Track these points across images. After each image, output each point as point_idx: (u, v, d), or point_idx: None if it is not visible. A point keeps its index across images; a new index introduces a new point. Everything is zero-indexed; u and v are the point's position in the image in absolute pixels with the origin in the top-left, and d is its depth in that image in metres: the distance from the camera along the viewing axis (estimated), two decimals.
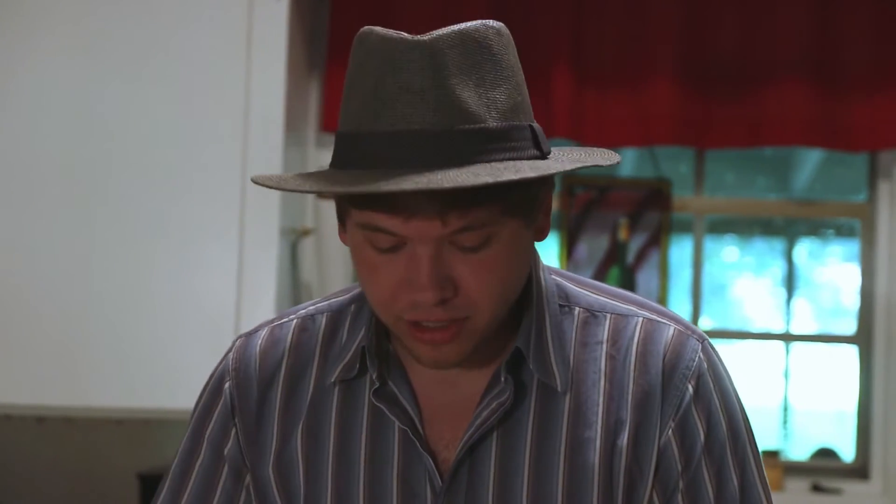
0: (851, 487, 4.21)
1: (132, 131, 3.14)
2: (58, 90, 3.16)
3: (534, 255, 1.53)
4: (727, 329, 5.65)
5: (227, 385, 1.62)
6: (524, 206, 1.42)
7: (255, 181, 1.42)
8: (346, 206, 1.42)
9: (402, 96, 1.37)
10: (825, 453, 4.64)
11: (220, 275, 3.11)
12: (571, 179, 4.30)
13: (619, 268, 4.23)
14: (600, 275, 4.22)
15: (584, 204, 4.29)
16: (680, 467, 1.49)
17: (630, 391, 1.50)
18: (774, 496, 4.30)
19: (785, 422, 5.15)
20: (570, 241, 4.28)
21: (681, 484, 1.49)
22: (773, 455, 4.14)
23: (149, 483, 3.26)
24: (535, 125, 1.45)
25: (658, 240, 4.28)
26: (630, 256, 4.26)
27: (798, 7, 4.09)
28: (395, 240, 1.39)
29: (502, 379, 1.49)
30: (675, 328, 1.53)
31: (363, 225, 1.41)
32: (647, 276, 4.27)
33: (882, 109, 4.10)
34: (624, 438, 1.49)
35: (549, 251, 4.40)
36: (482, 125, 1.38)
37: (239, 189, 3.10)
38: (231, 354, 1.64)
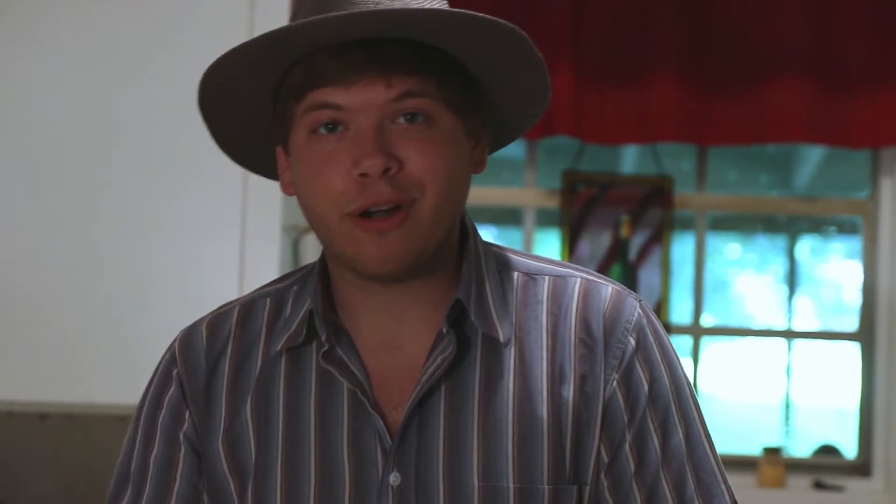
0: (853, 484, 4.21)
1: (133, 129, 3.15)
2: (59, 87, 3.16)
3: (472, 223, 1.55)
4: (729, 326, 5.65)
5: (175, 371, 1.62)
6: (462, 101, 1.46)
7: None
8: (290, 105, 1.46)
9: None
10: (827, 450, 4.64)
11: (221, 271, 3.11)
12: (573, 176, 4.30)
13: (620, 265, 4.23)
14: (602, 271, 4.20)
15: (585, 201, 4.29)
16: (626, 418, 1.50)
17: (573, 345, 1.51)
18: (776, 494, 4.31)
19: (787, 419, 5.15)
20: (571, 238, 4.28)
21: (627, 436, 1.50)
22: (774, 452, 4.14)
23: None
24: None
25: (660, 237, 4.28)
26: (632, 253, 4.26)
27: (799, 3, 4.09)
28: (338, 116, 1.42)
29: (443, 331, 1.49)
30: (612, 287, 1.55)
31: (305, 110, 1.44)
32: (648, 274, 4.28)
33: (884, 106, 4.10)
34: (569, 390, 1.50)
35: (550, 249, 4.40)
36: (420, 6, 1.43)
37: (240, 186, 3.11)
38: (176, 344, 1.65)
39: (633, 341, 1.52)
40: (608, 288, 1.55)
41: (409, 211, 1.44)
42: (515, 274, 1.56)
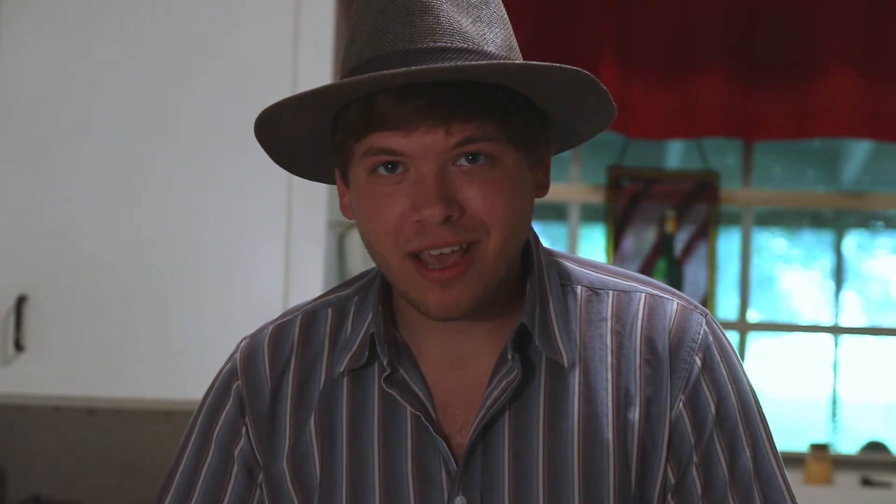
0: None
1: (180, 127, 3.16)
2: (111, 85, 3.18)
3: (533, 233, 1.54)
4: (775, 322, 5.62)
5: (235, 385, 1.61)
6: (523, 135, 1.44)
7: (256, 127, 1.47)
8: (349, 142, 1.44)
9: (401, 19, 1.40)
10: (875, 447, 4.61)
11: (267, 268, 3.12)
12: (618, 172, 4.28)
13: (666, 260, 4.21)
14: (647, 267, 4.21)
15: (630, 196, 4.28)
16: (693, 440, 1.49)
17: (637, 366, 1.50)
18: (823, 490, 4.27)
19: (834, 415, 5.12)
20: (616, 233, 4.27)
21: (694, 457, 1.49)
22: (822, 449, 4.11)
23: None
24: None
25: (706, 232, 4.26)
26: (677, 249, 4.24)
27: None
28: (398, 159, 1.41)
29: (509, 357, 1.49)
30: (678, 303, 1.53)
31: (365, 153, 1.42)
32: (694, 269, 4.26)
33: None
34: (635, 413, 1.49)
35: (595, 244, 4.39)
36: (480, 49, 1.41)
37: (286, 183, 3.11)
38: (238, 355, 1.63)
39: (699, 361, 1.51)
40: (673, 304, 1.53)
41: (472, 255, 1.42)
42: (579, 288, 1.54)
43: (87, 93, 3.17)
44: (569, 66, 1.35)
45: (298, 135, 1.50)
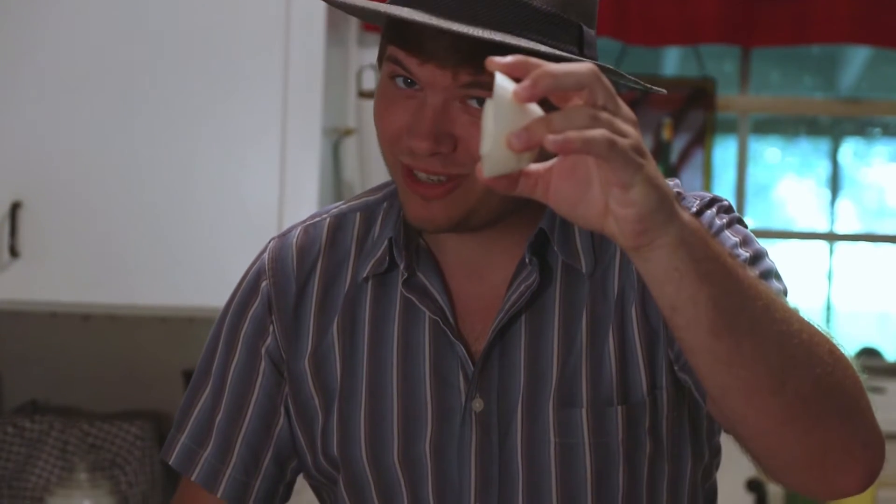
0: (895, 386, 4.20)
1: (173, 31, 3.13)
2: None
3: None
4: (770, 229, 5.63)
5: (263, 284, 1.63)
6: None
7: None
8: (384, 38, 1.47)
9: None
10: (868, 353, 4.63)
11: (262, 174, 3.11)
12: (614, 79, 4.25)
13: (662, 168, 4.20)
14: None
15: (627, 103, 4.24)
16: None
17: None
18: None
19: (828, 322, 5.14)
20: None
21: None
22: None
23: None
24: (587, 29, 1.47)
25: (702, 140, 4.25)
26: (673, 157, 4.24)
27: None
28: (412, 80, 1.43)
29: (527, 261, 1.51)
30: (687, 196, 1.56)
31: (389, 57, 1.45)
32: (690, 177, 4.25)
33: None
34: (632, 307, 1.52)
35: None
36: (526, 1, 1.40)
37: (280, 89, 3.10)
38: (266, 255, 1.65)
39: (693, 209, 1.53)
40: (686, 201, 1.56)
41: (458, 183, 1.44)
42: None
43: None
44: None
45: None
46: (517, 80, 1.15)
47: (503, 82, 1.15)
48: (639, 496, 1.53)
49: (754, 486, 3.63)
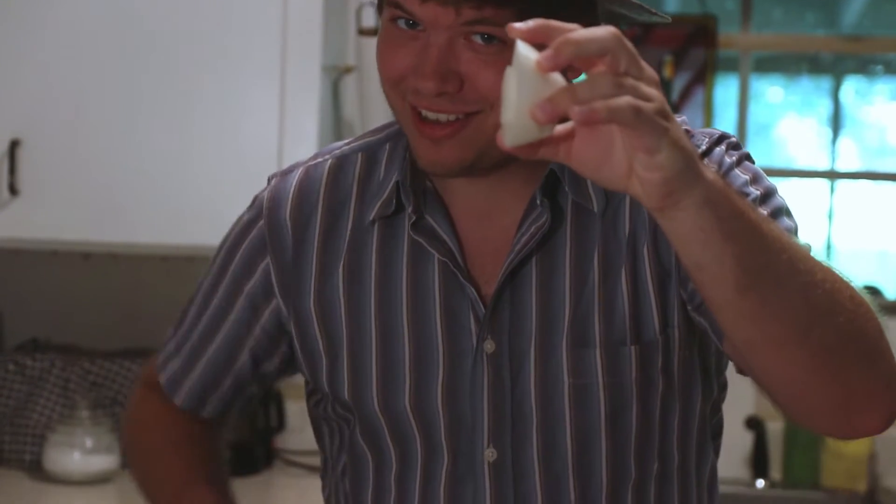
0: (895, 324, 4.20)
1: None
2: None
3: None
4: (771, 167, 5.61)
5: (260, 224, 1.64)
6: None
7: None
8: None
9: None
10: (869, 291, 4.64)
11: (261, 113, 3.10)
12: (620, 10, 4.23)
13: None
14: None
15: (628, 40, 4.23)
16: None
17: None
18: None
19: (828, 260, 5.15)
20: None
21: None
22: None
23: None
24: None
25: (703, 78, 4.23)
26: (674, 95, 4.22)
27: None
28: (414, 22, 1.42)
29: (538, 202, 1.50)
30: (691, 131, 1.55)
31: (389, 1, 1.44)
32: (691, 115, 4.24)
33: None
34: (644, 245, 1.51)
35: None
36: None
37: (280, 26, 3.08)
38: (265, 194, 1.65)
39: (702, 148, 1.52)
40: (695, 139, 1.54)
41: (469, 123, 1.43)
42: None
43: None
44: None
45: None
46: (537, 45, 1.14)
47: (524, 50, 1.14)
48: (651, 433, 1.54)
49: (753, 424, 3.65)
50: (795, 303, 1.26)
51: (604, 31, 1.14)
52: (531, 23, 1.13)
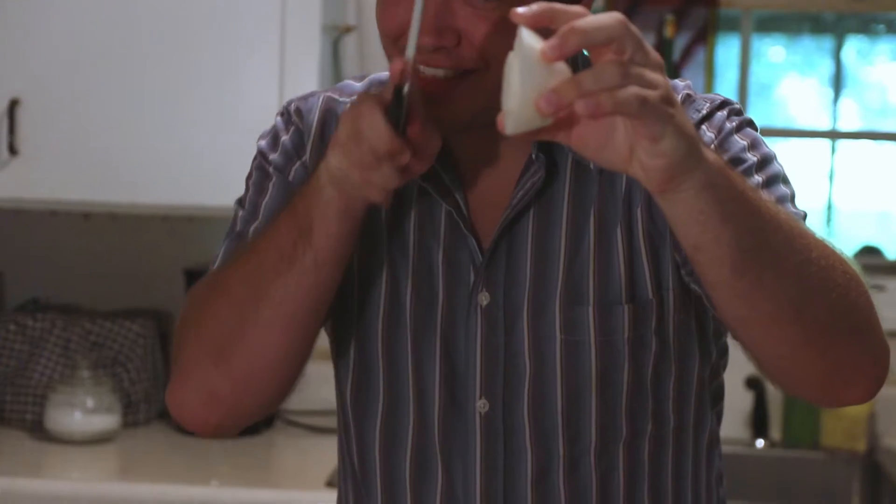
0: (895, 284, 4.21)
1: None
2: None
3: None
4: (772, 127, 5.60)
5: (294, 126, 1.61)
6: None
7: None
8: None
9: None
10: (869, 251, 4.64)
11: (261, 73, 3.10)
12: None
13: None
14: None
15: (628, 0, 4.22)
16: None
17: None
18: None
19: (829, 221, 5.15)
20: None
21: None
22: None
23: (194, 278, 3.29)
24: None
25: (704, 38, 4.22)
26: (675, 54, 4.21)
27: None
28: None
29: (534, 157, 1.50)
30: (686, 93, 1.55)
31: None
32: (692, 75, 4.23)
33: None
34: (638, 207, 1.52)
35: None
36: None
37: None
38: (291, 106, 1.64)
39: (703, 112, 1.52)
40: (681, 94, 1.54)
41: (466, 80, 1.43)
42: None
43: None
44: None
45: None
46: (540, 31, 1.14)
47: (529, 39, 1.13)
48: (643, 395, 1.54)
49: (753, 384, 3.65)
50: (790, 282, 1.28)
51: (610, 18, 1.13)
52: (535, 7, 1.13)
